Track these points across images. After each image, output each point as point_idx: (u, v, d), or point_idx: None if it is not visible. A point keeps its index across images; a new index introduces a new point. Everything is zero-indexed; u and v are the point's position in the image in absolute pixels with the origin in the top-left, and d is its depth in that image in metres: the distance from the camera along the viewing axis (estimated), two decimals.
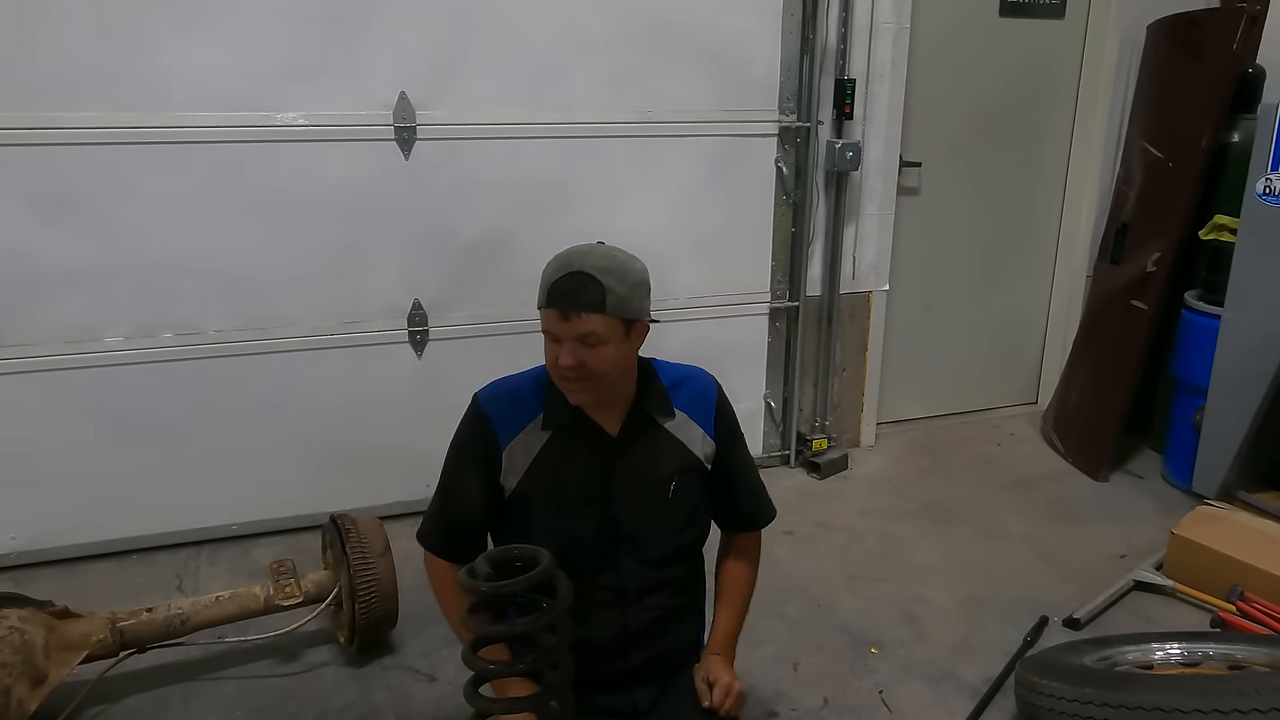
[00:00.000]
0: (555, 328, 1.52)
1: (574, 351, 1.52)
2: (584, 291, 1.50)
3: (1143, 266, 3.59)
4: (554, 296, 1.51)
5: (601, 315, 1.51)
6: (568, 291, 1.50)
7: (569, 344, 1.52)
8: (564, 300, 1.50)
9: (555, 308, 1.51)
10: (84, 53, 2.66)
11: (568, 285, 1.50)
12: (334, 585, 2.47)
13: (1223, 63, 3.39)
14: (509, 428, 1.64)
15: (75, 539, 2.97)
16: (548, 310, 1.52)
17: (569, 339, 1.52)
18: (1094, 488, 3.66)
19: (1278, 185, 3.04)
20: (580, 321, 1.50)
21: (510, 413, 1.65)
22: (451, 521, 1.69)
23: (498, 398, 1.67)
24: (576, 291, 1.50)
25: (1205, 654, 2.28)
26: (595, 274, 1.51)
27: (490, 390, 1.68)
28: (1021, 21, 3.86)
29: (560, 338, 1.52)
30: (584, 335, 1.51)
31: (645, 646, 1.70)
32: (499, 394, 1.67)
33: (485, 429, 1.64)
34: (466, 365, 3.18)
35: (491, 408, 1.65)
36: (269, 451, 3.11)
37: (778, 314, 3.66)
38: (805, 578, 2.99)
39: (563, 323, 1.51)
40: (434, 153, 3.04)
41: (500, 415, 1.64)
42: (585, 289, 1.50)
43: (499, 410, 1.65)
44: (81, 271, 2.80)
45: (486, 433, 1.64)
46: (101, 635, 2.24)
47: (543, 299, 1.53)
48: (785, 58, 3.38)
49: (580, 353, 1.52)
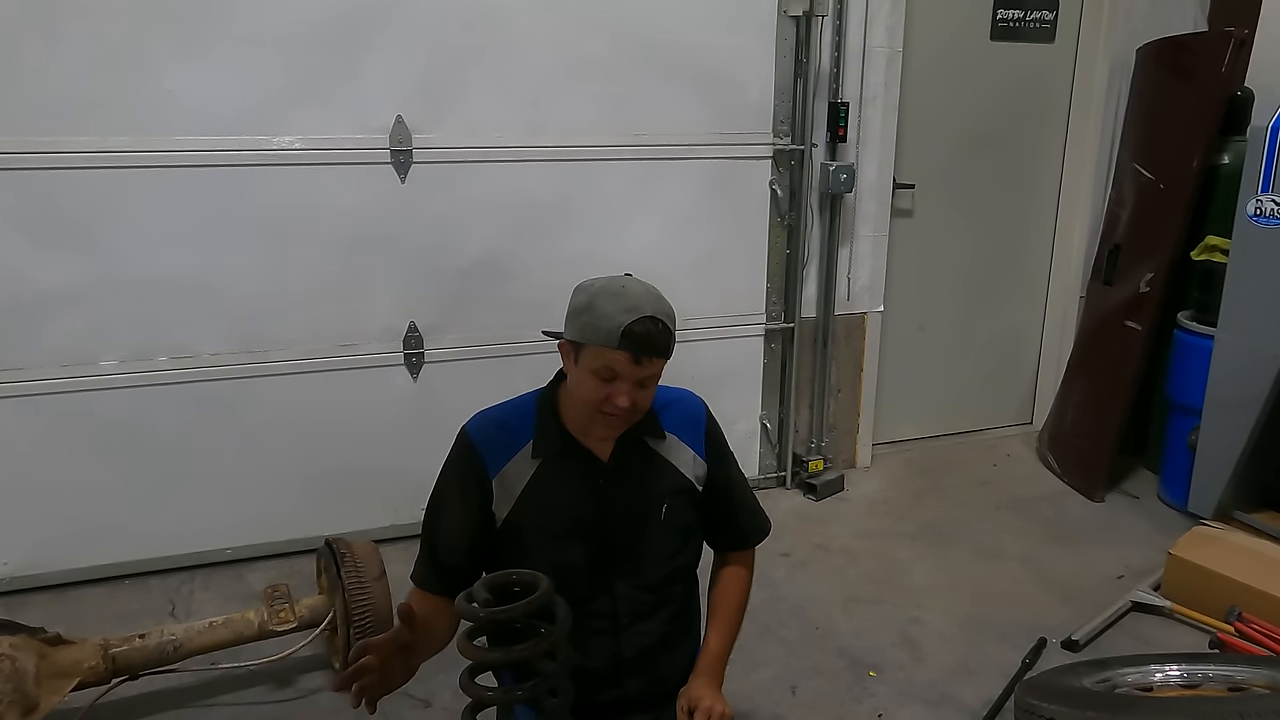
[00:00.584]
0: (624, 370, 1.50)
1: (631, 393, 1.52)
2: (660, 338, 1.50)
3: (1135, 287, 3.60)
4: (630, 340, 1.48)
5: (665, 360, 1.54)
6: (645, 337, 1.48)
7: (629, 385, 1.51)
8: (641, 345, 1.48)
9: (629, 351, 1.48)
10: (82, 78, 2.67)
11: (645, 331, 1.48)
12: (329, 610, 2.45)
13: (1212, 85, 3.42)
14: (498, 457, 1.63)
15: (67, 564, 2.95)
16: (618, 353, 1.49)
17: (631, 381, 1.51)
18: (1090, 508, 3.66)
19: (1268, 206, 3.07)
20: (650, 365, 1.51)
21: (499, 442, 1.64)
22: (439, 553, 1.66)
23: (485, 428, 1.65)
24: (653, 338, 1.49)
25: (1205, 675, 2.26)
26: (664, 320, 1.51)
27: (478, 421, 1.67)
28: (1012, 45, 3.90)
29: (622, 378, 1.51)
30: (649, 378, 1.53)
31: (640, 673, 1.68)
32: (487, 424, 1.66)
33: (474, 459, 1.63)
34: (462, 388, 3.18)
35: (480, 437, 1.64)
36: (263, 475, 3.10)
37: (773, 335, 3.67)
38: (803, 600, 2.98)
39: (634, 366, 1.50)
40: (430, 176, 3.05)
41: (488, 445, 1.63)
42: (661, 335, 1.50)
43: (487, 440, 1.64)
44: (76, 295, 2.79)
45: (475, 463, 1.62)
46: (93, 662, 2.21)
47: (612, 340, 1.48)
48: (779, 81, 3.40)
49: (636, 394, 1.53)
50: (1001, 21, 3.85)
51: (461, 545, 1.64)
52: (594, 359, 1.51)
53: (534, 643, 1.39)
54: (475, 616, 1.37)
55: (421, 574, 1.67)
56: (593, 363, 1.51)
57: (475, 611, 1.37)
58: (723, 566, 1.84)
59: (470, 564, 1.65)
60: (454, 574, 1.63)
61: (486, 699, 1.44)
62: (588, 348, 1.51)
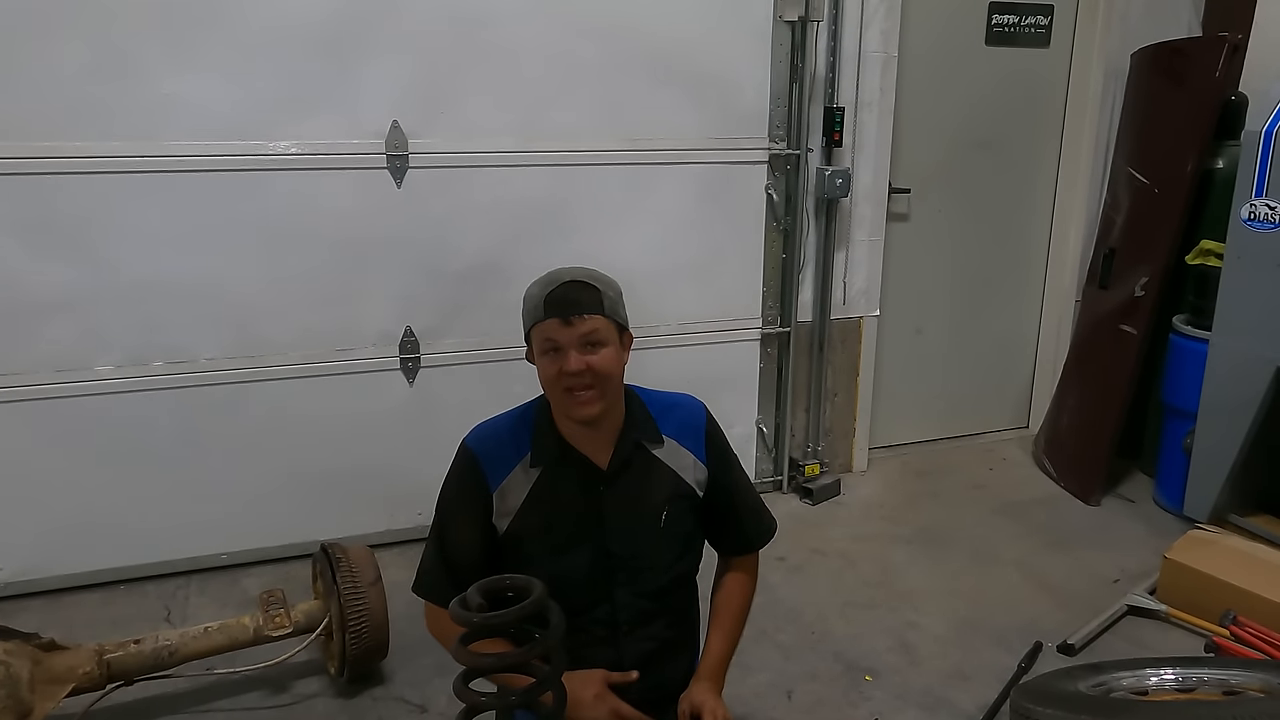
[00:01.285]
0: (558, 334, 1.53)
1: (580, 356, 1.53)
2: (580, 295, 1.54)
3: (1131, 291, 3.61)
4: (552, 305, 1.53)
5: (601, 316, 1.55)
6: (565, 298, 1.54)
7: (574, 350, 1.53)
8: (563, 307, 1.53)
9: (556, 315, 1.53)
10: (79, 82, 2.67)
11: (564, 293, 1.54)
12: (324, 615, 2.45)
13: (1206, 90, 3.43)
14: (498, 469, 1.63)
15: (62, 570, 2.94)
16: (546, 322, 1.54)
17: (573, 344, 1.53)
18: (1086, 512, 3.66)
19: (1262, 211, 3.08)
20: (583, 322, 1.54)
21: (498, 454, 1.64)
22: (453, 569, 1.64)
23: (484, 440, 1.66)
24: (574, 296, 1.54)
25: (1200, 679, 2.26)
26: (586, 279, 1.56)
27: (477, 433, 1.68)
28: (1008, 50, 3.91)
29: (563, 345, 1.54)
30: (587, 334, 1.54)
31: (641, 680, 1.67)
32: (485, 436, 1.67)
33: (475, 472, 1.63)
34: (458, 393, 3.18)
35: (479, 449, 1.64)
36: (259, 480, 3.09)
37: (769, 340, 3.67)
38: (799, 604, 2.98)
39: (565, 328, 1.53)
40: (426, 181, 3.05)
41: (488, 457, 1.64)
42: (582, 293, 1.55)
43: (487, 452, 1.64)
44: (72, 300, 2.79)
45: (477, 476, 1.63)
46: (88, 668, 2.21)
47: (539, 312, 1.55)
48: (775, 86, 3.41)
49: (586, 356, 1.54)
50: (996, 26, 3.87)
51: (476, 558, 1.63)
52: (537, 338, 1.57)
53: (528, 647, 1.39)
54: (470, 622, 1.37)
55: (436, 589, 1.64)
56: (538, 343, 1.57)
57: (469, 617, 1.37)
58: (726, 571, 1.84)
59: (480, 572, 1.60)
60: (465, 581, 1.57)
61: (481, 704, 1.44)
62: (531, 333, 1.58)
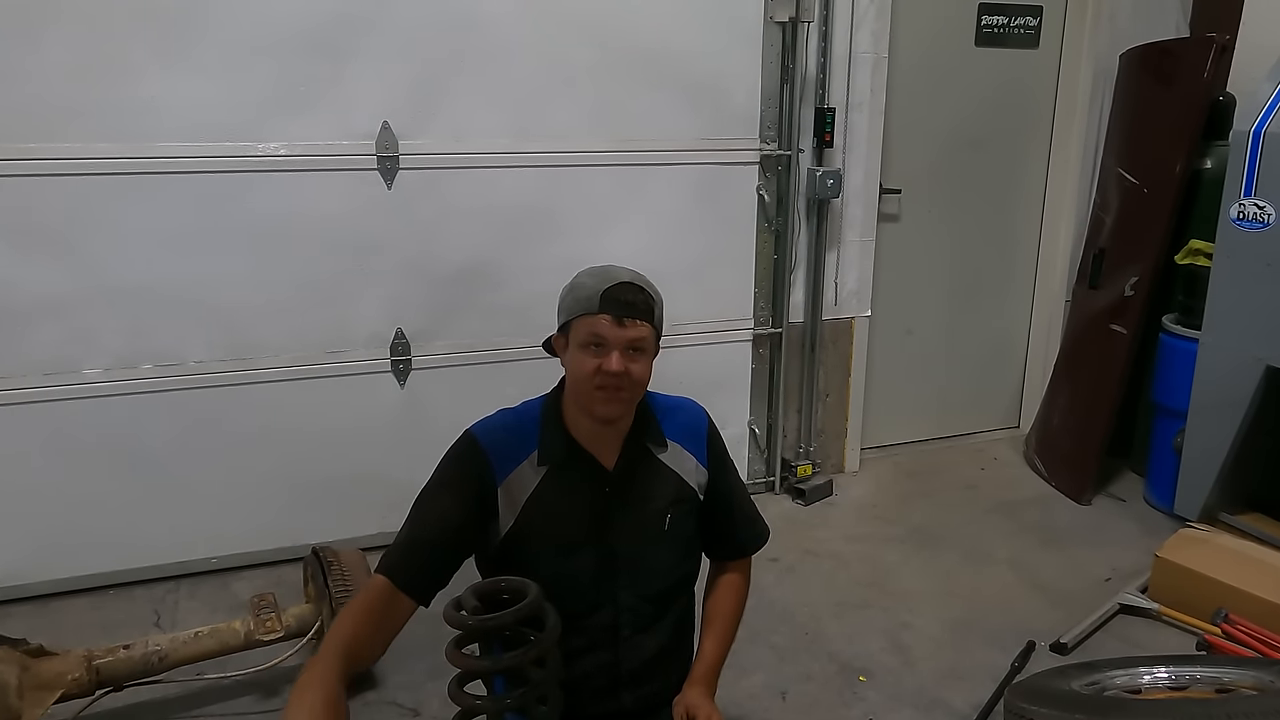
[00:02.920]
0: (609, 333, 1.51)
1: (622, 359, 1.52)
2: (640, 299, 1.53)
3: (1120, 291, 3.63)
4: (609, 302, 1.51)
5: (650, 325, 1.55)
6: (623, 298, 1.52)
7: (618, 351, 1.52)
8: (620, 306, 1.51)
9: (610, 313, 1.51)
10: (64, 84, 2.64)
11: (622, 293, 1.52)
12: (316, 619, 2.43)
13: (1194, 91, 3.45)
14: (505, 463, 1.59)
15: (50, 574, 2.92)
16: (599, 316, 1.51)
17: (619, 345, 1.52)
18: (1077, 511, 3.67)
19: (1251, 210, 3.09)
20: (634, 327, 1.52)
21: (506, 448, 1.60)
22: (414, 545, 1.53)
23: (493, 432, 1.61)
24: (631, 298, 1.52)
25: (1193, 677, 2.27)
26: (642, 284, 1.55)
27: (485, 425, 1.63)
28: (997, 51, 3.92)
29: (609, 344, 1.51)
30: (635, 340, 1.52)
31: (636, 686, 1.67)
32: (494, 429, 1.62)
33: (479, 463, 1.58)
34: (450, 395, 3.17)
35: (488, 441, 1.59)
36: (250, 483, 3.07)
37: (761, 340, 3.67)
38: (792, 605, 2.97)
39: (617, 328, 1.51)
40: (417, 182, 3.04)
41: (496, 450, 1.59)
42: (639, 295, 1.53)
43: (494, 445, 1.59)
44: (60, 303, 2.77)
45: (480, 467, 1.58)
46: (77, 674, 2.19)
47: (592, 305, 1.51)
48: (766, 87, 3.41)
49: (627, 360, 1.53)
50: (986, 27, 3.88)
51: (448, 535, 1.54)
52: (580, 330, 1.53)
53: (523, 650, 1.38)
54: (464, 624, 1.36)
55: (392, 561, 1.52)
56: (580, 335, 1.53)
57: (464, 619, 1.36)
58: (719, 575, 1.83)
59: (448, 559, 1.55)
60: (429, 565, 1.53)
61: (475, 707, 1.43)
62: (574, 323, 1.54)
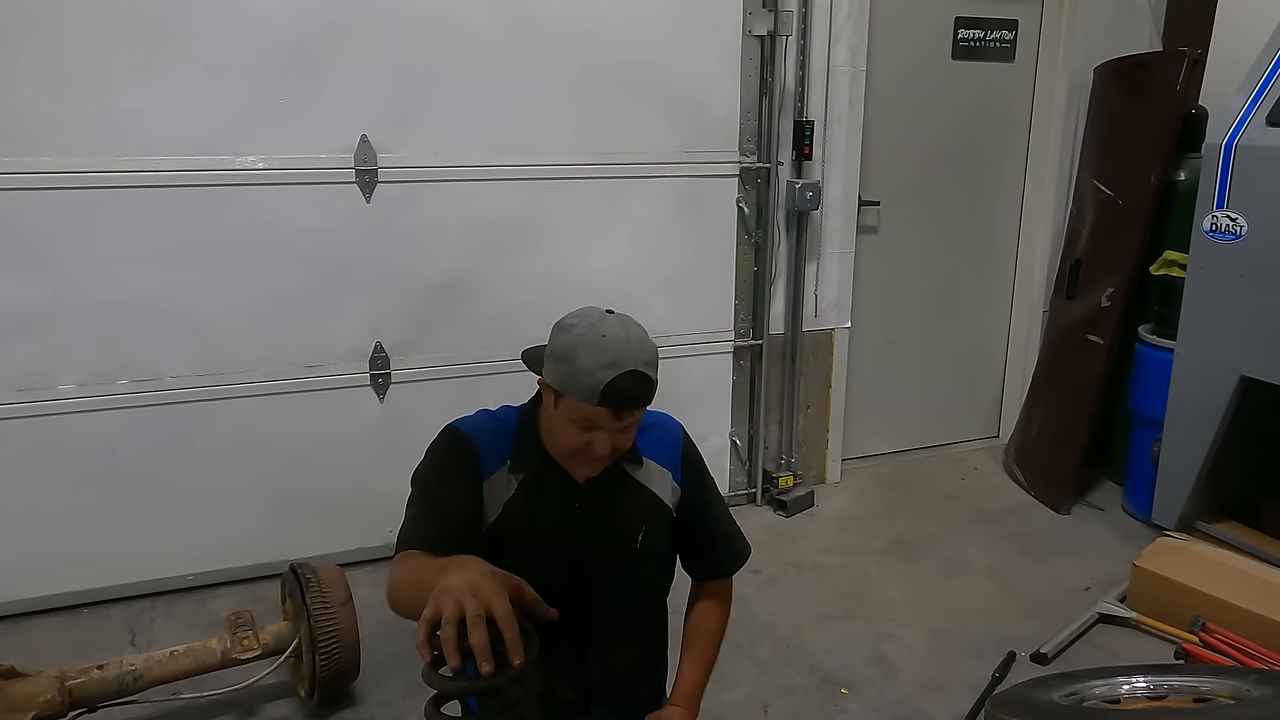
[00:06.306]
0: (604, 423, 1.46)
1: (612, 440, 1.49)
2: (641, 392, 1.46)
3: (1097, 302, 3.66)
4: (611, 398, 1.44)
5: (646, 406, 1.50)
6: (628, 395, 1.45)
7: (609, 435, 1.48)
8: (624, 403, 1.45)
9: (610, 408, 1.44)
10: (40, 97, 2.63)
11: (627, 389, 1.43)
12: (294, 637, 2.41)
13: (1167, 104, 3.50)
14: (490, 461, 1.58)
15: (22, 593, 2.88)
16: (598, 409, 1.45)
17: (611, 431, 1.48)
18: (1057, 520, 3.69)
19: (1224, 222, 3.13)
20: (631, 416, 1.48)
21: (489, 447, 1.59)
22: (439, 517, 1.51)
23: (480, 428, 1.60)
24: (634, 393, 1.45)
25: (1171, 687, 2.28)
26: (646, 370, 1.47)
27: (469, 422, 1.62)
28: (973, 65, 3.96)
29: (601, 429, 1.48)
30: (629, 426, 1.49)
31: (607, 701, 1.66)
32: (480, 425, 1.61)
33: (470, 454, 1.57)
34: (429, 408, 3.14)
35: (476, 437, 1.59)
36: (227, 499, 3.05)
37: (741, 352, 3.68)
38: (774, 617, 2.97)
39: (614, 420, 1.46)
40: (396, 195, 3.03)
41: (483, 445, 1.58)
42: (643, 390, 1.46)
43: (481, 441, 1.59)
44: (33, 317, 2.74)
45: (471, 457, 1.57)
46: (49, 695, 2.16)
47: (593, 397, 1.43)
48: (745, 100, 3.43)
49: (615, 439, 1.50)
50: (962, 41, 3.92)
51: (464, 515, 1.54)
52: (574, 410, 1.47)
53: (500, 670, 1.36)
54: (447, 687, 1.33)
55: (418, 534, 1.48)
56: (573, 413, 1.48)
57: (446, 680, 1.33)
58: (700, 597, 1.81)
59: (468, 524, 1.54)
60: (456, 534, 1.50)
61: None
62: (567, 398, 1.47)
